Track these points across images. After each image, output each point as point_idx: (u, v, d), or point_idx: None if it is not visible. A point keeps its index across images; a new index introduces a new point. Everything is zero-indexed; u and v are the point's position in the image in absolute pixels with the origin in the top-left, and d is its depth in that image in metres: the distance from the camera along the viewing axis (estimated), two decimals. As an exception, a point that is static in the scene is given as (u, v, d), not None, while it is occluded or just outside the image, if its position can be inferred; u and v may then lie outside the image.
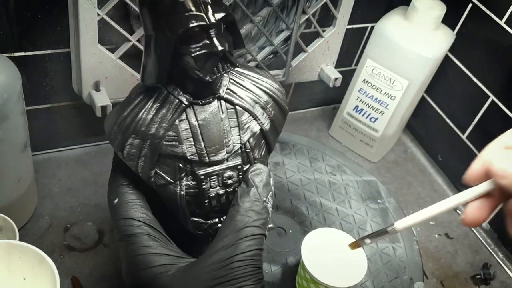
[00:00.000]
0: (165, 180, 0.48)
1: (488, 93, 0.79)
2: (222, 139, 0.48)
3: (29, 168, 0.63)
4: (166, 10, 0.43)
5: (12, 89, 0.53)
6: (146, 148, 0.46)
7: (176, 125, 0.46)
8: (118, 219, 0.46)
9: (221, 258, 0.42)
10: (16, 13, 0.60)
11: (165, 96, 0.47)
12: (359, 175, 0.82)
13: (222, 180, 0.49)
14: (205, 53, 0.44)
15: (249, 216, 0.43)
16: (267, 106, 0.50)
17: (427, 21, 0.75)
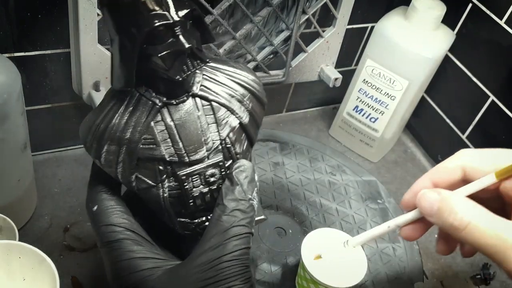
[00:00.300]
0: (147, 184, 0.47)
1: (488, 93, 0.79)
2: (201, 137, 0.47)
3: (29, 168, 0.63)
4: (127, 11, 0.41)
5: (12, 89, 0.53)
6: (123, 153, 0.45)
7: (152, 127, 0.45)
8: (99, 226, 0.46)
9: (208, 259, 0.42)
10: (16, 13, 0.60)
11: (138, 98, 0.45)
12: (359, 175, 0.82)
13: (204, 179, 0.48)
14: (172, 52, 0.42)
15: (235, 216, 0.43)
16: (244, 99, 0.49)
17: (427, 21, 0.75)
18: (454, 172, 0.45)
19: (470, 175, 0.45)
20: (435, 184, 0.46)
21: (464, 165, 0.45)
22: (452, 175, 0.45)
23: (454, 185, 0.45)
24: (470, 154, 0.46)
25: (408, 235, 0.47)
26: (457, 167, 0.45)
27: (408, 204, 0.47)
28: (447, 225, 0.41)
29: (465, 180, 0.45)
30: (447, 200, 0.41)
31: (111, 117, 0.45)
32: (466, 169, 0.45)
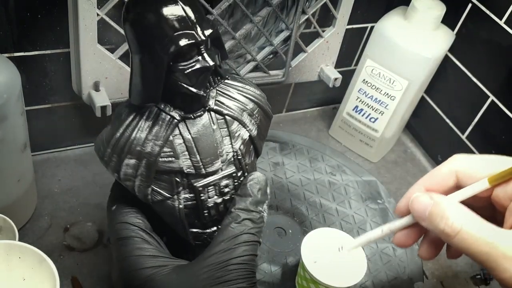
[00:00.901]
0: (163, 196, 0.48)
1: (488, 93, 0.79)
2: (216, 150, 0.49)
3: (29, 168, 0.63)
4: (154, 29, 0.43)
5: (12, 89, 0.53)
6: (142, 167, 0.47)
7: (171, 141, 0.47)
8: (115, 224, 0.48)
9: (218, 260, 0.44)
10: (16, 13, 0.60)
11: (156, 113, 0.47)
12: (359, 175, 0.82)
13: (219, 189, 0.50)
14: (198, 69, 0.44)
15: (245, 224, 0.46)
16: (254, 113, 0.51)
17: (427, 21, 0.75)
18: (447, 177, 0.45)
19: (463, 181, 0.45)
20: (428, 190, 0.45)
21: (457, 171, 0.45)
22: (445, 180, 0.45)
23: (448, 191, 0.45)
24: (463, 160, 0.46)
25: (400, 242, 0.47)
26: (450, 172, 0.45)
27: (402, 210, 0.46)
28: (439, 230, 0.40)
29: (459, 186, 0.45)
30: (439, 205, 0.41)
31: (131, 131, 0.46)
32: (459, 174, 0.45)
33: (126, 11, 0.44)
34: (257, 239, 0.46)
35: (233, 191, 0.50)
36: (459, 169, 0.45)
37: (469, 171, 0.44)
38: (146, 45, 0.44)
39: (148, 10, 0.43)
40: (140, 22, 0.43)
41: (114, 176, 0.48)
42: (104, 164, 0.48)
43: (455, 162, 0.46)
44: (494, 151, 0.79)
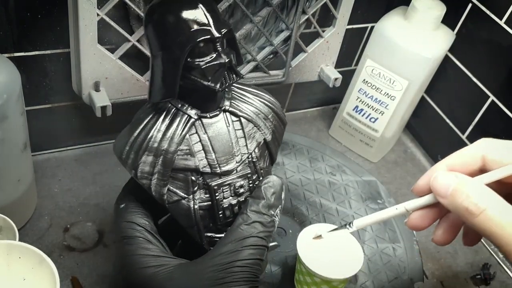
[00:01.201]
0: (178, 196, 0.49)
1: (488, 93, 0.79)
2: (231, 149, 0.50)
3: (29, 168, 0.63)
4: (173, 27, 0.45)
5: (12, 89, 0.53)
6: (159, 164, 0.47)
7: (187, 139, 0.48)
8: (121, 222, 0.49)
9: (223, 261, 0.44)
10: (16, 13, 0.60)
11: (174, 112, 0.48)
12: (359, 175, 0.82)
13: (234, 190, 0.50)
14: (213, 64, 0.46)
15: (255, 227, 0.46)
16: (268, 117, 0.53)
17: (427, 21, 0.75)
18: (473, 160, 0.43)
19: (488, 165, 0.42)
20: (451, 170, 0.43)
21: (484, 154, 0.42)
22: (470, 163, 0.43)
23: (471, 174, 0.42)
24: (490, 144, 0.43)
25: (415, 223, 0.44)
26: (477, 155, 0.43)
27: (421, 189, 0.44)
28: (461, 208, 0.38)
29: (483, 170, 0.42)
30: (464, 183, 0.39)
31: (148, 130, 0.48)
32: (486, 158, 0.42)
33: (149, 13, 0.46)
34: (265, 243, 0.46)
35: (248, 193, 0.51)
36: (486, 153, 0.42)
37: (496, 155, 0.42)
38: (166, 44, 0.46)
39: (169, 11, 0.45)
40: (162, 23, 0.45)
41: (131, 173, 0.48)
42: (122, 163, 0.49)
43: (482, 145, 0.43)
44: (494, 151, 0.79)
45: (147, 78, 0.67)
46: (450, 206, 0.40)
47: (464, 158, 0.43)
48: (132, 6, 0.61)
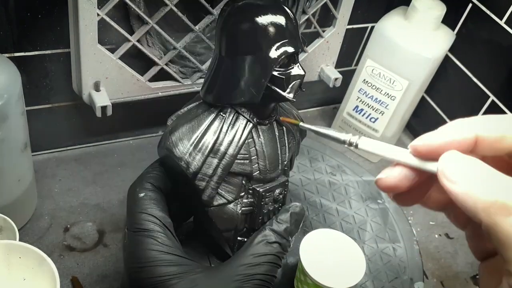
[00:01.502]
0: (225, 199, 0.49)
1: (488, 93, 0.79)
2: (278, 157, 0.51)
3: (29, 168, 0.63)
4: (265, 33, 0.45)
5: (12, 89, 0.53)
6: (220, 167, 0.48)
7: (247, 144, 0.49)
8: (139, 212, 0.47)
9: (246, 272, 0.45)
10: (16, 13, 0.60)
11: (236, 116, 0.49)
12: (359, 175, 0.82)
13: (274, 197, 0.52)
14: (293, 76, 0.48)
15: (275, 247, 0.48)
16: (298, 129, 0.55)
17: (427, 21, 0.75)
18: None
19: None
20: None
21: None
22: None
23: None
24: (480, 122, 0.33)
25: (390, 182, 0.36)
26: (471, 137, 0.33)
27: (427, 152, 0.36)
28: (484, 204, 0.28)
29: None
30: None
31: (214, 131, 0.48)
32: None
33: (230, 14, 0.47)
34: (280, 262, 0.48)
35: (282, 200, 0.53)
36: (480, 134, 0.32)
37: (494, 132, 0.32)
38: (250, 49, 0.46)
39: (256, 15, 0.45)
40: (246, 27, 0.46)
41: (189, 173, 0.47)
42: (183, 163, 0.47)
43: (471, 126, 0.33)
44: (494, 151, 0.79)
45: (147, 78, 0.67)
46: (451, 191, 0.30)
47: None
48: (132, 6, 0.60)
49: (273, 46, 0.46)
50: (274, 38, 0.46)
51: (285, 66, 0.47)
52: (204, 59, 0.70)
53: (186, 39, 0.66)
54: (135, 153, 0.78)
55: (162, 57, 0.67)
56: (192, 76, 0.71)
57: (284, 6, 0.47)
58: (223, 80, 0.48)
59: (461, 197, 0.29)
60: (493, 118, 0.33)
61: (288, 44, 0.46)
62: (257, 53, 0.46)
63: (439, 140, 0.34)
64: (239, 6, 0.47)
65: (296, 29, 0.47)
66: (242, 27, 0.46)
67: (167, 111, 0.78)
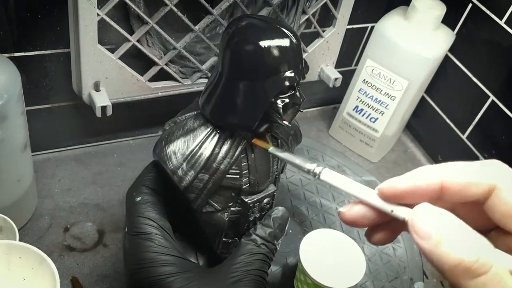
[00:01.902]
0: (214, 208, 0.50)
1: (488, 93, 0.79)
2: (269, 170, 0.52)
3: (29, 168, 0.63)
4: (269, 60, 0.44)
5: (12, 89, 0.53)
6: (211, 182, 0.48)
7: (239, 160, 0.49)
8: (136, 216, 0.48)
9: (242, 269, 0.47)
10: (16, 13, 0.60)
11: (230, 133, 0.48)
12: (359, 175, 0.82)
13: (260, 206, 0.53)
14: (293, 103, 0.48)
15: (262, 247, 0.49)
16: (294, 137, 0.56)
17: (427, 21, 0.75)
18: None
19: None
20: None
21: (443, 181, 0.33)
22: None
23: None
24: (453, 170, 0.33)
25: (354, 219, 0.36)
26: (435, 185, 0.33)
27: (388, 195, 0.34)
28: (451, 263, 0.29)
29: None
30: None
31: (209, 148, 0.48)
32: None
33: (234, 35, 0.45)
34: (269, 261, 0.49)
35: (269, 207, 0.54)
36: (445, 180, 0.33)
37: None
38: (252, 75, 0.45)
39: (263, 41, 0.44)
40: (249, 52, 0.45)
41: (181, 186, 0.48)
42: (175, 177, 0.48)
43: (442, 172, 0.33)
44: (494, 151, 0.79)
45: (147, 78, 0.67)
46: (423, 248, 0.30)
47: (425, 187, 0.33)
48: (132, 6, 0.60)
49: (273, 76, 0.45)
50: (276, 68, 0.45)
51: (286, 93, 0.47)
52: (204, 59, 0.70)
53: (186, 39, 0.66)
54: (135, 153, 0.78)
55: (162, 57, 0.67)
56: (192, 76, 0.71)
57: (288, 31, 0.45)
58: (221, 98, 0.47)
59: (429, 254, 0.29)
60: (459, 165, 0.33)
61: (289, 74, 0.45)
62: (257, 80, 0.45)
63: (404, 185, 0.33)
64: (243, 28, 0.45)
65: (300, 56, 0.46)
66: (244, 51, 0.45)
67: (167, 111, 0.78)
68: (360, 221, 0.35)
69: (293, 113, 0.49)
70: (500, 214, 0.32)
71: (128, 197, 0.50)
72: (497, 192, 0.32)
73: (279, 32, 0.45)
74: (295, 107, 0.48)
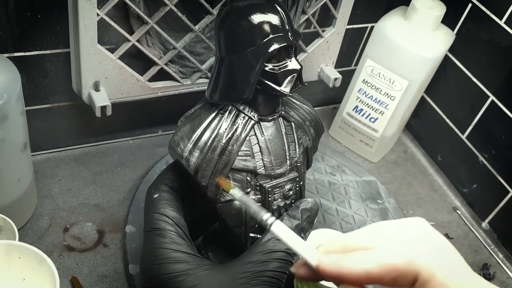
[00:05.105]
0: (231, 196, 0.49)
1: (488, 93, 0.79)
2: (285, 153, 0.51)
3: (29, 168, 0.63)
4: (251, 32, 0.46)
5: (12, 89, 0.53)
6: (220, 164, 0.48)
7: (248, 140, 0.49)
8: (153, 212, 0.49)
9: (254, 269, 0.45)
10: (16, 13, 0.60)
11: (236, 113, 0.49)
12: (359, 175, 0.82)
13: (283, 193, 0.52)
14: (288, 70, 0.48)
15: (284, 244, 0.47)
16: (312, 124, 0.55)
17: (427, 21, 0.75)
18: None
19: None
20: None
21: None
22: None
23: None
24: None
25: (301, 272, 0.37)
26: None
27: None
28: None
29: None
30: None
31: (213, 129, 0.49)
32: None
33: (225, 15, 0.47)
34: (291, 259, 0.47)
35: (294, 196, 0.53)
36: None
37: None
38: (241, 47, 0.47)
39: (247, 15, 0.46)
40: (239, 26, 0.47)
41: (191, 171, 0.48)
42: (184, 160, 0.49)
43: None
44: (494, 151, 0.79)
45: (147, 78, 0.67)
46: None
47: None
48: (132, 6, 0.61)
49: (262, 41, 0.46)
50: (264, 34, 0.46)
51: (280, 60, 0.47)
52: (203, 59, 0.70)
53: (185, 39, 0.66)
54: (135, 153, 0.78)
55: (162, 57, 0.67)
56: (191, 76, 0.71)
57: (276, 3, 0.47)
58: (223, 79, 0.49)
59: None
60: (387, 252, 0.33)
61: (278, 38, 0.46)
62: (249, 49, 0.46)
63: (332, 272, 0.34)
64: (234, 6, 0.48)
65: (289, 23, 0.47)
66: (236, 25, 0.47)
67: (166, 111, 0.78)
68: (309, 279, 0.36)
69: (292, 81, 0.48)
70: None
71: (147, 194, 0.51)
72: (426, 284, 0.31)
73: (267, 3, 0.47)
74: (292, 75, 0.48)
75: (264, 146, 0.50)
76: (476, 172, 0.82)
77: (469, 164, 0.84)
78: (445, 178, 0.88)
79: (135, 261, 0.62)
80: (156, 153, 0.78)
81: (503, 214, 0.79)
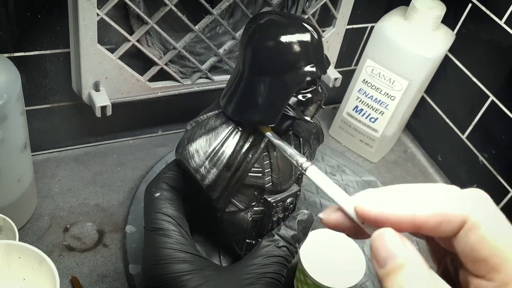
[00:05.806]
0: (237, 208, 0.50)
1: (488, 93, 0.79)
2: (292, 169, 0.52)
3: (29, 168, 0.63)
4: (289, 56, 0.44)
5: (12, 89, 0.53)
6: (233, 180, 0.48)
7: (261, 158, 0.49)
8: (154, 211, 0.48)
9: (258, 271, 0.46)
10: (16, 13, 0.60)
11: (252, 131, 0.48)
12: (359, 175, 0.82)
13: (284, 206, 0.53)
14: (314, 98, 0.47)
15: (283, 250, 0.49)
16: (316, 137, 0.55)
17: (427, 21, 0.75)
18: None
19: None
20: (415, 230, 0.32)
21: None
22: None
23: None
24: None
25: (334, 224, 0.33)
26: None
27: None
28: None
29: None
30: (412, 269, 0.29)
31: (231, 146, 0.48)
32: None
33: (254, 31, 0.45)
34: (287, 264, 0.48)
35: (293, 207, 0.53)
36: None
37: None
38: (273, 70, 0.45)
39: (284, 35, 0.44)
40: (271, 47, 0.45)
41: (204, 186, 0.48)
42: (198, 175, 0.48)
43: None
44: (494, 151, 0.79)
45: (147, 78, 0.67)
46: (378, 275, 0.30)
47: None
48: (132, 6, 0.60)
49: (295, 70, 0.44)
50: (297, 62, 0.44)
51: (306, 88, 0.46)
52: (203, 59, 0.70)
53: (185, 39, 0.66)
54: (135, 153, 0.78)
55: (162, 57, 0.67)
56: (191, 76, 0.71)
57: (309, 26, 0.45)
58: (243, 95, 0.47)
59: (380, 280, 0.29)
60: (438, 195, 0.30)
61: (310, 69, 0.45)
62: (279, 75, 0.45)
63: (374, 212, 0.31)
64: (263, 24, 0.46)
65: (321, 51, 0.46)
66: (265, 47, 0.45)
67: (167, 111, 0.78)
68: (339, 227, 0.34)
69: (315, 108, 0.48)
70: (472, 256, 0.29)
71: (146, 192, 0.51)
72: (473, 229, 0.29)
73: (299, 27, 0.45)
74: (317, 102, 0.48)
75: (275, 163, 0.50)
76: (476, 172, 0.82)
77: (469, 164, 0.84)
78: (445, 178, 0.88)
79: (135, 261, 0.62)
80: (156, 153, 0.78)
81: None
